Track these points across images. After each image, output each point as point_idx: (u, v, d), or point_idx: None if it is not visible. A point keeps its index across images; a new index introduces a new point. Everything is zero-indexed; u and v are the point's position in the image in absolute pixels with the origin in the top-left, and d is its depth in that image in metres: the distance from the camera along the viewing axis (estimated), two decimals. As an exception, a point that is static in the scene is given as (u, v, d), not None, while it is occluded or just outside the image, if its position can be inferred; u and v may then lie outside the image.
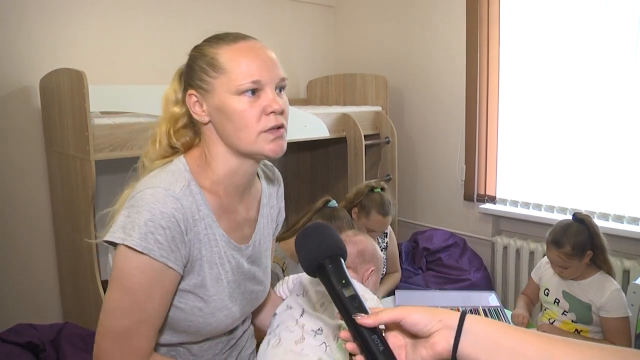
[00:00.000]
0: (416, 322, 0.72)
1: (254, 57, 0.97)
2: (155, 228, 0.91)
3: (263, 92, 0.97)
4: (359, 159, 2.82)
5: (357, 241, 1.38)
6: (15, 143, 2.36)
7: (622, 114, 2.44)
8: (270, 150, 0.99)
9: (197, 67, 1.00)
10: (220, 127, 0.99)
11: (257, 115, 0.96)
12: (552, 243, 1.85)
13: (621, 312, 1.79)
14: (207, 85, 0.98)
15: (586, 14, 2.49)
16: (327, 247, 0.82)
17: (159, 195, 0.94)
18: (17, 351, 1.83)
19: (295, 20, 3.43)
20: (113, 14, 2.59)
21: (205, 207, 1.01)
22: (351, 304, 0.75)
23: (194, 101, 1.00)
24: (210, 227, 1.01)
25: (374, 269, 1.34)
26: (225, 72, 0.96)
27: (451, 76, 3.04)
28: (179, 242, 0.95)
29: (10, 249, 2.38)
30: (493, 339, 0.70)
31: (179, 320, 1.02)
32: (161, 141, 1.05)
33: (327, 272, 0.80)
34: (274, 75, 0.99)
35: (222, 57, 0.97)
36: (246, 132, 0.97)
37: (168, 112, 1.05)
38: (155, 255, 0.91)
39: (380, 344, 0.72)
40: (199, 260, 1.00)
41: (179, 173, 1.00)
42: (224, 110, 0.97)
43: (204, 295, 1.02)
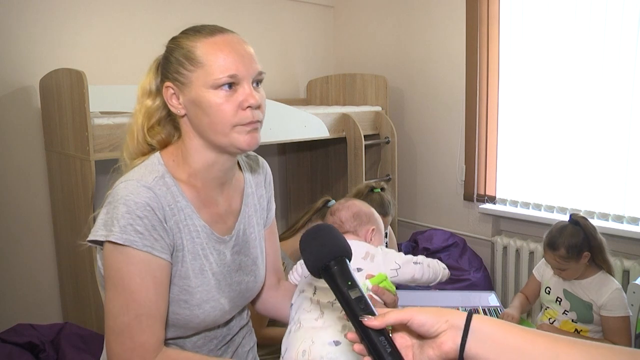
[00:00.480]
0: (423, 323, 0.72)
1: (231, 51, 0.96)
2: (133, 219, 0.92)
3: (240, 86, 0.97)
4: (359, 159, 2.83)
5: (349, 205, 1.37)
6: (15, 143, 2.36)
7: (622, 114, 2.44)
8: (245, 143, 0.99)
9: (174, 59, 1.00)
10: (196, 120, 1.00)
11: (233, 109, 0.96)
12: (548, 246, 1.86)
13: (622, 312, 1.80)
14: (183, 78, 0.98)
15: (586, 14, 2.49)
16: (331, 248, 0.81)
17: (131, 187, 0.95)
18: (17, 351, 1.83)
19: (295, 20, 3.43)
20: (113, 14, 2.59)
21: (183, 199, 1.01)
22: (357, 306, 0.75)
23: (171, 93, 1.00)
24: (190, 218, 1.02)
25: (375, 228, 1.33)
26: (202, 66, 0.96)
27: (451, 76, 3.04)
28: (160, 230, 0.95)
29: (10, 249, 2.38)
30: (500, 338, 0.70)
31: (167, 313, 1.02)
32: (138, 137, 1.05)
33: (332, 274, 0.79)
34: (250, 69, 0.98)
35: (199, 51, 0.97)
36: (221, 125, 0.97)
37: (143, 105, 1.05)
38: (138, 245, 0.92)
39: (387, 346, 0.72)
40: (182, 251, 1.00)
41: (152, 166, 1.01)
42: (199, 103, 0.97)
43: (187, 287, 1.01)
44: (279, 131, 2.55)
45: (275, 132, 2.53)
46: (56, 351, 1.92)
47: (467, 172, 3.03)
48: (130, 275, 0.93)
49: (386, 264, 1.22)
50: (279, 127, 2.54)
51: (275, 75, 3.37)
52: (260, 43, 3.25)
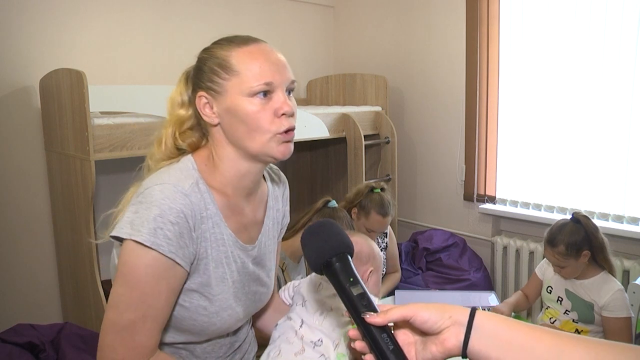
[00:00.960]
0: (426, 320, 0.72)
1: (266, 59, 0.97)
2: (164, 224, 0.92)
3: (275, 94, 0.98)
4: (359, 159, 2.83)
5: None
6: (15, 143, 2.36)
7: (622, 114, 2.44)
8: (280, 153, 0.99)
9: (208, 68, 1.00)
10: (230, 129, 1.00)
11: (269, 117, 0.97)
12: (548, 242, 1.86)
13: (623, 313, 1.80)
14: (218, 86, 0.98)
15: (586, 14, 2.49)
16: (333, 244, 0.80)
17: (168, 192, 0.94)
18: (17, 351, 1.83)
19: (295, 20, 3.43)
20: (113, 14, 2.59)
21: (213, 206, 1.01)
22: (360, 302, 0.74)
23: (204, 103, 1.00)
24: (218, 226, 1.02)
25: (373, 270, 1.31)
26: (237, 74, 0.96)
27: (451, 76, 3.04)
28: (187, 239, 0.95)
29: (10, 249, 2.38)
30: (503, 335, 0.70)
31: (183, 319, 1.02)
32: (167, 143, 1.05)
33: (334, 270, 0.78)
34: (284, 77, 0.99)
35: (234, 59, 0.97)
36: (259, 133, 0.97)
37: (174, 115, 1.06)
38: (164, 250, 0.91)
39: (390, 343, 0.71)
40: (205, 259, 1.00)
41: (187, 171, 1.01)
42: (235, 111, 0.97)
43: (208, 295, 1.02)
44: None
45: (275, 132, 2.53)
46: (56, 351, 1.92)
47: (467, 172, 3.03)
48: (147, 276, 0.93)
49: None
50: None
51: (275, 75, 3.37)
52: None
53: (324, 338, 1.10)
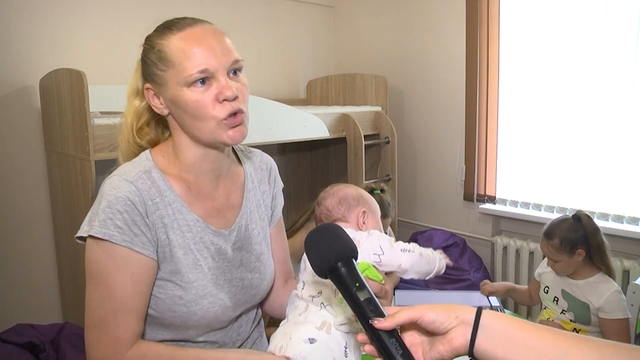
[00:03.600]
0: (433, 320, 0.72)
1: (199, 44, 0.95)
2: (113, 213, 0.93)
3: (214, 79, 0.95)
4: (359, 159, 2.83)
5: (334, 191, 1.26)
6: (15, 143, 2.36)
7: (622, 114, 2.44)
8: (230, 138, 0.98)
9: (149, 60, 0.99)
10: (178, 119, 1.00)
11: (210, 103, 0.95)
12: (544, 234, 1.88)
13: (620, 314, 1.79)
14: (159, 79, 0.98)
15: (586, 14, 2.49)
16: (338, 248, 0.79)
17: (114, 182, 0.96)
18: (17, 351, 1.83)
19: (295, 20, 3.43)
20: (113, 14, 2.59)
21: (171, 193, 1.01)
22: (367, 307, 0.74)
23: (152, 94, 1.01)
24: (179, 212, 1.01)
25: (365, 210, 1.24)
26: (173, 65, 0.95)
27: (451, 76, 3.04)
28: (141, 226, 0.95)
29: (10, 249, 2.38)
30: (510, 334, 0.70)
31: (163, 313, 1.01)
32: (128, 138, 1.06)
33: (340, 275, 0.78)
34: (223, 60, 0.96)
35: (169, 49, 0.96)
36: (204, 122, 0.96)
37: (131, 105, 1.06)
38: (116, 240, 0.92)
39: (399, 347, 0.72)
40: (168, 246, 0.99)
41: (138, 162, 1.02)
42: (177, 102, 0.96)
43: (181, 282, 1.00)
44: (279, 131, 2.55)
45: (275, 132, 2.53)
46: (56, 351, 1.92)
47: (467, 172, 3.03)
48: (107, 269, 0.94)
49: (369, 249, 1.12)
50: (279, 127, 2.54)
51: (275, 75, 3.37)
52: (260, 43, 3.25)
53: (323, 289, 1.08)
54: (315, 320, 1.03)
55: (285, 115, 2.58)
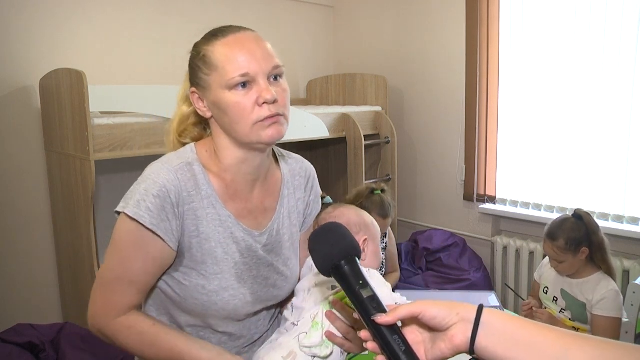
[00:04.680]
0: (435, 316, 0.73)
1: (241, 49, 0.99)
2: (147, 196, 0.98)
3: (255, 83, 0.99)
4: (359, 159, 2.83)
5: (337, 216, 1.22)
6: (15, 143, 2.36)
7: (622, 114, 2.44)
8: (267, 137, 1.01)
9: (195, 65, 1.04)
10: (220, 121, 1.04)
11: (250, 106, 0.99)
12: (547, 236, 1.87)
13: (613, 313, 1.78)
14: (203, 82, 1.02)
15: (586, 14, 2.49)
16: (341, 247, 0.80)
17: (155, 168, 1.02)
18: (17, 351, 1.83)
19: (295, 20, 3.43)
20: (113, 14, 2.59)
21: (209, 187, 1.05)
22: (370, 305, 0.75)
23: (197, 98, 1.05)
24: (214, 207, 1.05)
25: (367, 238, 1.21)
26: (217, 69, 0.99)
27: (451, 76, 3.04)
28: (169, 213, 0.99)
29: (10, 249, 2.38)
30: (510, 332, 0.70)
31: (185, 298, 1.05)
32: (173, 139, 1.13)
33: (344, 274, 0.79)
34: (264, 65, 1.00)
35: (213, 54, 1.00)
36: (242, 124, 1.00)
37: (179, 111, 1.12)
38: (145, 221, 0.97)
39: (402, 344, 0.72)
40: (197, 237, 1.04)
41: (183, 153, 1.07)
42: (219, 105, 1.01)
43: (205, 273, 1.04)
44: (279, 131, 2.55)
45: (275, 132, 2.53)
46: (56, 351, 1.92)
47: (467, 172, 3.03)
48: (128, 243, 1.00)
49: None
50: (279, 127, 2.54)
51: (275, 75, 3.37)
52: (260, 43, 3.24)
53: (305, 315, 1.09)
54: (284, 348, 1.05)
55: (285, 115, 2.58)
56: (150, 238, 0.99)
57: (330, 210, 1.26)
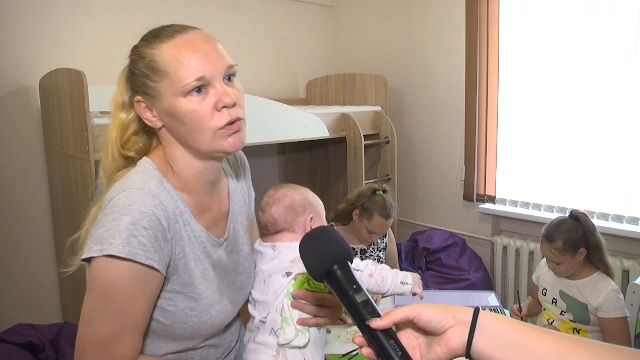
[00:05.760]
0: (430, 319, 0.72)
1: (194, 51, 0.91)
2: (138, 230, 0.87)
3: (211, 87, 0.91)
4: (359, 159, 2.83)
5: (280, 198, 1.19)
6: (15, 143, 2.36)
7: (622, 114, 2.44)
8: (230, 146, 0.94)
9: (139, 71, 0.95)
10: (175, 131, 0.95)
11: (209, 113, 0.91)
12: (545, 238, 1.87)
13: (618, 313, 1.79)
14: (151, 90, 0.93)
15: (586, 14, 2.49)
16: (334, 252, 0.79)
17: (135, 196, 0.90)
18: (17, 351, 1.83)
19: (295, 20, 3.43)
20: (113, 14, 2.59)
21: (182, 204, 0.97)
22: (365, 310, 0.73)
23: (144, 107, 0.96)
24: (189, 224, 0.98)
25: (313, 216, 1.19)
26: (167, 75, 0.90)
27: (451, 76, 3.04)
28: (162, 242, 0.91)
29: (11, 249, 2.38)
30: (507, 335, 0.70)
31: (173, 325, 0.98)
32: (113, 153, 1.00)
33: (337, 279, 0.77)
34: (219, 66, 0.92)
35: (161, 58, 0.91)
36: (202, 133, 0.92)
37: (117, 119, 1.01)
38: (141, 259, 0.87)
39: (398, 349, 0.71)
40: (184, 259, 0.96)
41: (149, 172, 0.96)
42: (174, 114, 0.92)
43: (193, 295, 0.98)
44: (279, 131, 2.55)
45: (275, 132, 2.53)
46: (56, 351, 1.92)
47: (467, 172, 3.03)
48: (124, 288, 0.88)
49: None
50: (279, 127, 2.54)
51: (275, 75, 3.38)
52: (260, 43, 3.25)
53: (271, 309, 1.08)
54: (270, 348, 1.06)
55: (285, 115, 2.58)
56: (147, 274, 0.89)
57: (272, 193, 1.21)
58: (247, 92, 1.06)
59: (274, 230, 1.17)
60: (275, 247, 1.14)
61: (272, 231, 1.17)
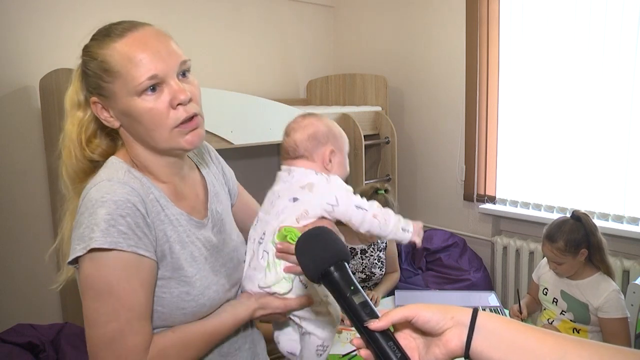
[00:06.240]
0: (428, 320, 0.71)
1: (145, 49, 0.90)
2: (115, 219, 0.86)
3: (165, 84, 0.91)
4: (359, 159, 2.82)
5: (306, 125, 1.20)
6: (15, 143, 2.36)
7: (622, 114, 2.44)
8: (187, 143, 0.94)
9: (91, 72, 0.94)
10: (132, 130, 0.95)
11: (165, 111, 0.91)
12: (547, 238, 1.87)
13: (619, 313, 1.79)
14: (105, 91, 0.93)
15: (586, 14, 2.49)
16: (331, 253, 0.78)
17: (105, 188, 0.89)
18: (17, 351, 1.83)
19: (295, 20, 3.43)
20: (113, 13, 2.59)
21: (156, 189, 0.97)
22: (363, 311, 0.73)
23: (100, 108, 0.95)
24: (167, 208, 0.98)
25: (333, 149, 1.20)
26: (120, 75, 0.90)
27: (451, 76, 3.04)
28: (143, 227, 0.90)
29: (11, 249, 2.38)
30: (506, 336, 0.69)
31: (171, 312, 0.97)
32: (75, 153, 0.98)
33: (334, 280, 0.76)
34: (171, 63, 0.92)
35: (112, 58, 0.91)
36: (158, 131, 0.92)
37: (74, 117, 0.99)
38: (122, 246, 0.86)
39: (397, 351, 0.70)
40: (167, 243, 0.96)
41: (114, 165, 0.97)
42: (129, 113, 0.92)
43: (184, 278, 0.97)
44: (279, 131, 2.53)
45: (275, 132, 2.53)
46: (56, 351, 1.92)
47: (467, 172, 3.03)
48: (117, 279, 0.87)
49: (324, 197, 1.09)
50: (279, 127, 2.52)
51: (275, 75, 3.38)
52: (260, 43, 3.25)
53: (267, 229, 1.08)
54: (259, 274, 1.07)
55: (285, 115, 2.56)
56: (135, 261, 0.88)
57: (299, 120, 1.23)
58: (248, 92, 1.06)
59: (294, 155, 1.17)
60: (290, 170, 1.16)
61: (292, 156, 1.18)
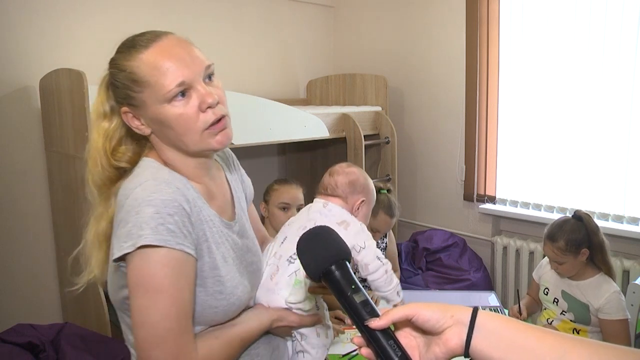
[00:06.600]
0: (428, 319, 0.71)
1: (170, 58, 0.94)
2: (163, 218, 0.89)
3: (193, 89, 0.95)
4: (359, 159, 2.82)
5: (349, 172, 1.37)
6: (15, 143, 2.36)
7: (622, 114, 2.44)
8: (217, 143, 0.98)
9: (120, 83, 0.98)
10: (163, 136, 0.99)
11: (194, 115, 0.95)
12: (548, 237, 1.87)
13: (620, 314, 1.79)
14: (135, 101, 0.96)
15: (586, 14, 2.49)
16: (332, 252, 0.79)
17: (151, 187, 0.92)
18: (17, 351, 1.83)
19: (295, 20, 3.43)
20: (113, 13, 2.59)
21: (193, 190, 1.01)
22: (364, 310, 0.73)
23: (131, 117, 0.99)
24: (203, 209, 1.01)
25: (364, 201, 1.34)
26: (148, 85, 0.94)
27: (451, 76, 3.04)
28: (188, 226, 0.93)
29: (11, 249, 2.38)
30: (506, 335, 0.69)
31: (204, 310, 0.98)
32: (101, 162, 1.01)
33: (335, 279, 0.77)
34: (196, 68, 0.95)
35: (140, 69, 0.95)
36: (189, 134, 0.96)
37: (100, 127, 1.02)
38: (171, 244, 0.88)
39: (397, 349, 0.70)
40: (206, 242, 0.99)
41: (154, 165, 1.00)
42: (160, 120, 0.96)
43: (219, 277, 1.00)
44: (279, 131, 2.55)
45: (275, 132, 2.53)
46: (56, 351, 1.92)
47: (467, 172, 3.03)
48: (166, 277, 0.89)
49: (356, 238, 1.24)
50: (279, 127, 2.54)
51: (275, 75, 3.38)
52: (260, 43, 3.25)
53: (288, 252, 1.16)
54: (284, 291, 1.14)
55: (285, 115, 2.58)
56: (184, 260, 0.91)
57: (344, 165, 1.40)
58: (248, 92, 1.08)
59: (331, 193, 1.34)
60: (327, 204, 1.31)
61: (330, 193, 1.34)
